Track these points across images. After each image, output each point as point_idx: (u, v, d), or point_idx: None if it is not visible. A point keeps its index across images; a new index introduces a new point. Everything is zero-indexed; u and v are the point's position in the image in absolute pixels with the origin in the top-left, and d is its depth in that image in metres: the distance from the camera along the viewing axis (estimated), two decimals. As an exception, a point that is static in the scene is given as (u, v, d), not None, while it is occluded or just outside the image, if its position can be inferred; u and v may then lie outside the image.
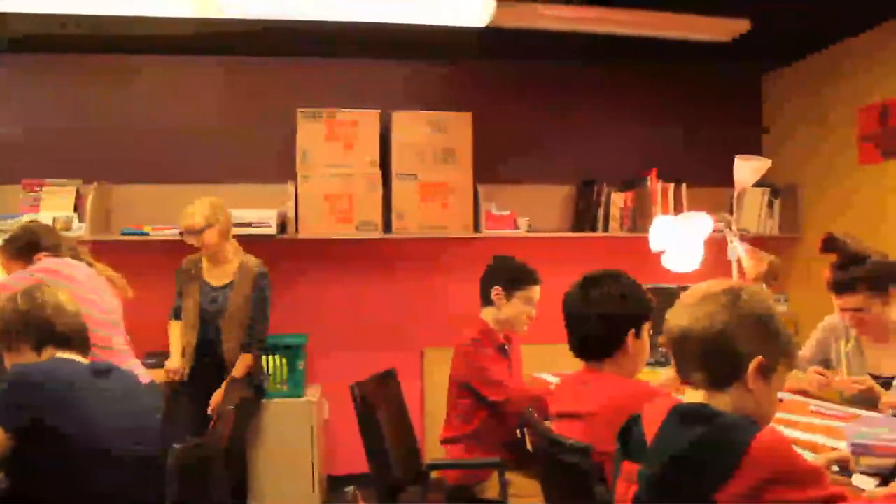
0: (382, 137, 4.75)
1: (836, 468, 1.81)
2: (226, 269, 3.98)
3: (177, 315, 4.02)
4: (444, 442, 3.26)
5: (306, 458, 4.33)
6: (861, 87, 4.74)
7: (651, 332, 2.28)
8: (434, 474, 3.17)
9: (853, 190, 4.81)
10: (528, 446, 2.83)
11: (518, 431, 3.23)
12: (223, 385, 3.86)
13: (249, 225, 4.50)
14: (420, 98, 5.00)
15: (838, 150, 4.93)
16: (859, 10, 4.14)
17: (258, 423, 4.25)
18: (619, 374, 2.25)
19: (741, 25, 4.23)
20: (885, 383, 2.90)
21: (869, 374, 2.98)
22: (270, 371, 4.35)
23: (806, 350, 3.25)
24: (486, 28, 4.02)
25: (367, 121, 4.71)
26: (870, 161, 4.70)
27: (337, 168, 4.65)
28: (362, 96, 4.91)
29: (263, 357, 4.24)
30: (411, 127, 4.78)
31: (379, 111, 4.74)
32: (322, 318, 4.95)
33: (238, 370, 3.88)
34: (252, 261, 4.02)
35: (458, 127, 4.81)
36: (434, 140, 4.78)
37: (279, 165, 4.76)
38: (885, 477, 1.72)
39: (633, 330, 2.24)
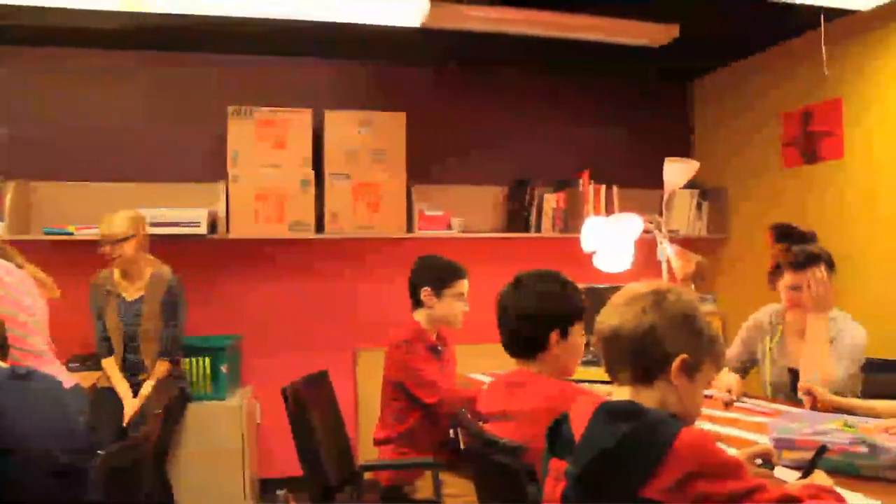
0: (315, 137, 4.71)
1: (759, 461, 1.86)
2: (138, 284, 3.93)
3: (109, 350, 3.91)
4: (378, 443, 3.24)
5: (236, 461, 4.25)
6: (785, 94, 4.88)
7: (584, 332, 2.30)
8: (367, 475, 3.15)
9: (777, 193, 4.96)
10: (461, 446, 2.83)
11: (451, 431, 3.22)
12: (140, 394, 3.79)
13: (179, 225, 4.41)
14: (353, 98, 4.97)
15: (763, 154, 5.08)
16: (783, 19, 4.26)
17: (184, 427, 4.15)
18: (549, 373, 2.26)
19: (670, 31, 4.32)
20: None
21: (790, 368, 3.08)
22: (194, 374, 4.25)
23: (732, 349, 3.33)
24: (421, 29, 4.02)
25: (299, 120, 4.66)
26: (792, 165, 4.85)
27: (268, 167, 4.58)
28: (294, 95, 4.86)
29: (187, 360, 4.15)
30: (344, 126, 4.74)
31: (311, 110, 4.69)
32: (255, 319, 4.88)
33: (155, 378, 3.82)
34: (164, 270, 3.97)
35: (392, 127, 4.79)
36: (367, 140, 4.75)
37: (210, 164, 4.68)
38: (805, 469, 1.77)
39: (557, 329, 2.24)
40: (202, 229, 4.46)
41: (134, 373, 3.90)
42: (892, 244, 4.05)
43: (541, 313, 2.25)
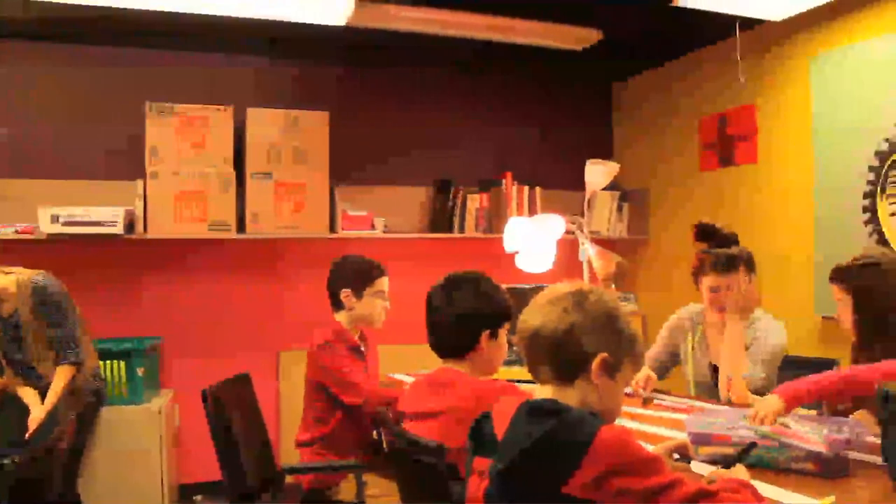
0: (236, 135, 4.63)
1: (676, 456, 1.90)
2: (10, 300, 3.63)
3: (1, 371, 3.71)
4: (300, 445, 3.20)
5: (154, 465, 4.15)
6: (702, 99, 5.02)
7: (509, 333, 2.33)
8: (289, 478, 3.11)
9: (695, 195, 5.09)
10: (385, 447, 2.83)
11: (374, 432, 3.22)
12: (46, 401, 3.61)
13: (94, 224, 4.27)
14: (276, 96, 4.91)
15: (682, 157, 5.20)
16: (701, 27, 4.37)
17: (99, 431, 4.02)
18: (475, 373, 2.27)
19: (593, 35, 4.39)
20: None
21: (711, 363, 3.17)
22: (109, 377, 4.11)
23: (653, 349, 3.40)
24: (346, 28, 4.00)
25: (220, 117, 4.57)
26: (709, 168, 4.98)
27: (188, 166, 4.48)
28: (215, 92, 4.77)
29: (102, 363, 4.02)
30: (266, 125, 4.67)
31: (232, 108, 4.61)
32: (175, 321, 4.77)
33: (58, 384, 3.64)
34: (24, 275, 3.66)
35: (315, 126, 4.74)
36: (290, 139, 4.69)
37: (127, 162, 4.55)
38: (725, 463, 1.82)
39: (488, 330, 2.27)
40: (118, 229, 4.33)
41: (35, 386, 3.71)
42: (803, 245, 4.19)
43: (476, 313, 2.27)
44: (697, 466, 1.98)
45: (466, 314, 2.27)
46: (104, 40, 4.59)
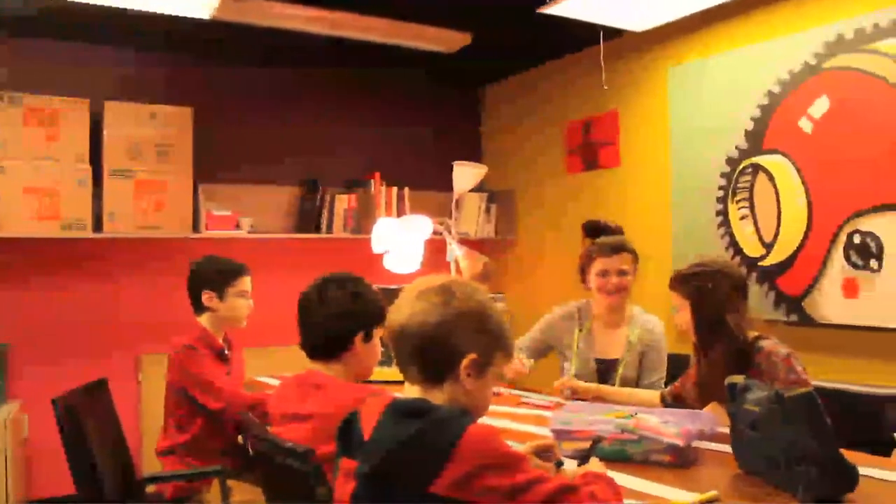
0: (93, 129, 4.41)
1: (543, 453, 1.93)
2: None
3: None
4: (161, 454, 3.08)
5: (-1, 480, 3.91)
6: (568, 104, 5.17)
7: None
8: (150, 488, 2.99)
9: (562, 197, 5.24)
10: (250, 452, 2.76)
11: (239, 437, 3.14)
12: None
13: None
14: (138, 90, 4.71)
15: (548, 160, 5.34)
16: (568, 34, 4.49)
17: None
18: (348, 375, 2.26)
19: (463, 38, 4.45)
20: (609, 365, 3.21)
21: (596, 358, 3.25)
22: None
23: (529, 335, 3.40)
24: (213, 22, 3.89)
25: (75, 109, 4.34)
26: (575, 171, 5.13)
27: (39, 160, 4.23)
28: (70, 82, 4.51)
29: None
30: (126, 119, 4.47)
31: (89, 100, 4.39)
32: (25, 326, 4.49)
33: None
34: None
35: (178, 122, 4.59)
36: (151, 135, 4.51)
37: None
38: (582, 458, 1.87)
39: (362, 332, 2.26)
40: (-39, 227, 4.06)
41: None
42: (662, 246, 4.37)
43: (351, 314, 2.25)
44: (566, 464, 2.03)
45: (341, 315, 2.25)
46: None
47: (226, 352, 3.16)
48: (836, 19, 3.59)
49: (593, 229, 3.31)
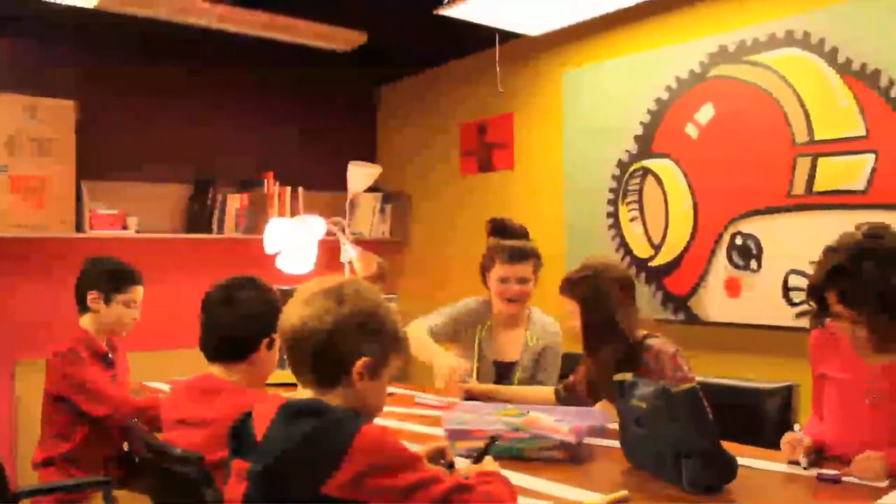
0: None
1: (436, 456, 1.93)
2: None
3: None
4: (37, 466, 2.92)
5: None
6: (463, 106, 5.21)
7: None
8: (27, 502, 2.84)
9: (456, 198, 5.27)
10: (136, 459, 2.66)
11: (125, 445, 3.02)
12: None
13: None
14: (15, 80, 4.47)
15: (443, 162, 5.37)
16: (464, 37, 4.51)
17: None
18: (247, 380, 2.20)
19: (358, 37, 4.42)
20: (507, 368, 3.22)
21: (495, 360, 3.25)
22: None
23: (439, 318, 3.29)
24: (98, 12, 3.74)
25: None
26: (469, 172, 5.17)
27: None
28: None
29: None
30: (2, 111, 4.24)
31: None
32: None
33: None
34: None
35: (60, 116, 4.37)
36: (30, 128, 4.29)
37: None
38: (476, 457, 1.88)
39: (268, 338, 2.21)
40: None
41: None
42: (555, 247, 4.43)
43: (263, 318, 2.18)
44: (456, 461, 2.03)
45: (252, 317, 2.19)
46: None
47: (109, 356, 3.03)
48: (721, 31, 3.74)
49: (498, 229, 3.30)
